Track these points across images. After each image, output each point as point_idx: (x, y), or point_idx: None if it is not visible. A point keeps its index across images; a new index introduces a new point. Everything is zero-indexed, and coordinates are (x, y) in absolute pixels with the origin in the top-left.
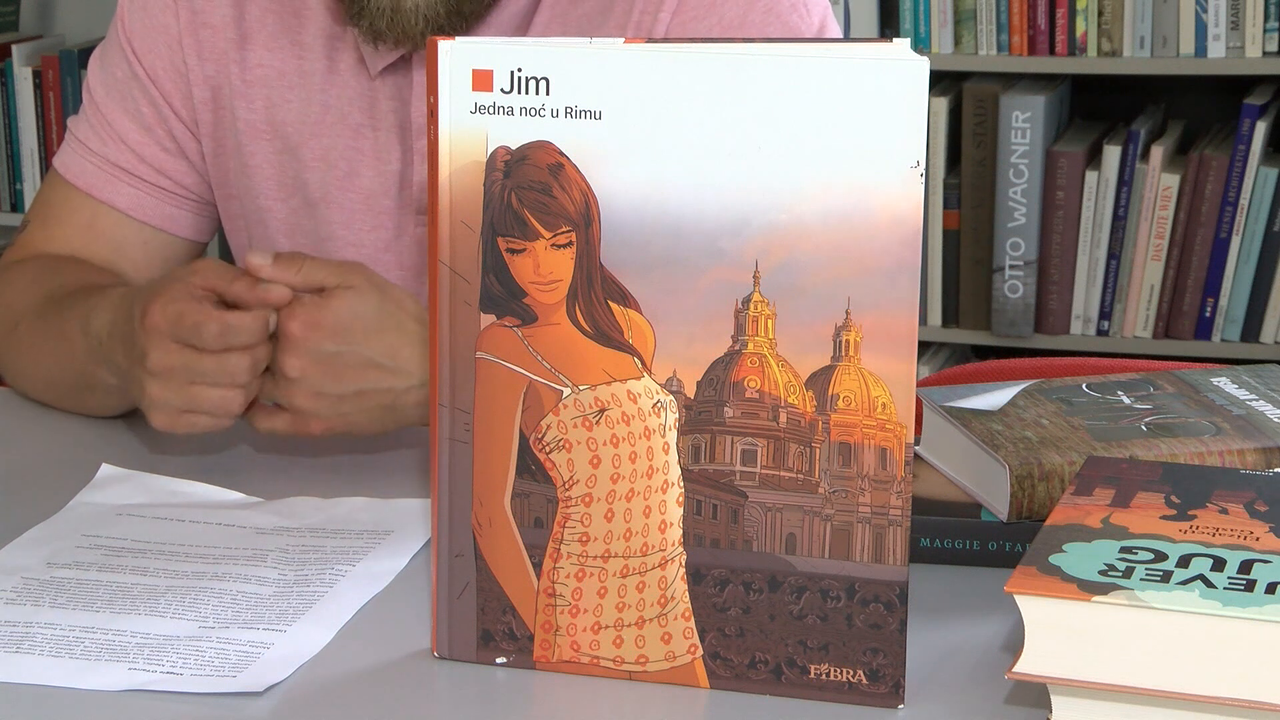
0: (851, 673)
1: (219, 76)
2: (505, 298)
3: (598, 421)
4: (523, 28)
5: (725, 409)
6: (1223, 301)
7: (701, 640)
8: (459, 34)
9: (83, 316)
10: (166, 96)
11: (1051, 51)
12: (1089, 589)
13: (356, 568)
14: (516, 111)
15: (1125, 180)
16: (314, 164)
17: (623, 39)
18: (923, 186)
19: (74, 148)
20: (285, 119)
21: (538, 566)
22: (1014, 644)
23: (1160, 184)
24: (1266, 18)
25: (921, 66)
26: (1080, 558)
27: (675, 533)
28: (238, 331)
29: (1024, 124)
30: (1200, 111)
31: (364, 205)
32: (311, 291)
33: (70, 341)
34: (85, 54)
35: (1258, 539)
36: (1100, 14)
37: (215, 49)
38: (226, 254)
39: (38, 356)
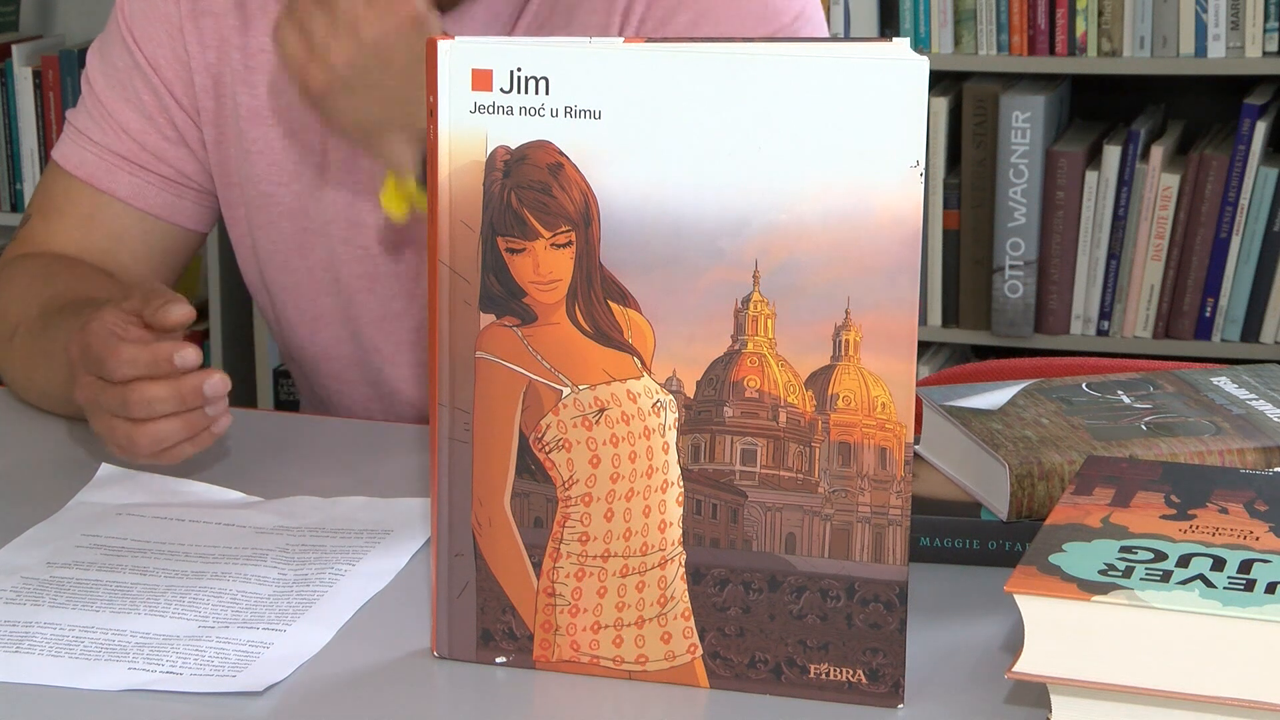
0: (851, 672)
1: (220, 64)
2: (505, 297)
3: (597, 421)
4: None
5: (725, 409)
6: (1223, 301)
7: (701, 640)
8: None
9: (68, 339)
10: (168, 85)
11: (1051, 51)
12: (1089, 589)
13: (356, 567)
14: (516, 111)
15: (1125, 180)
16: (316, 148)
17: (622, 38)
18: (922, 186)
19: (74, 138)
20: (288, 104)
21: (537, 566)
22: (1014, 643)
23: (1160, 184)
24: (1266, 18)
25: (921, 66)
26: (1080, 557)
27: (675, 532)
28: (133, 364)
29: (1024, 124)
30: (1200, 111)
31: (365, 188)
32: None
33: (57, 360)
34: (85, 54)
35: (1257, 539)
36: (1100, 14)
37: (217, 35)
38: (226, 243)
39: (30, 371)
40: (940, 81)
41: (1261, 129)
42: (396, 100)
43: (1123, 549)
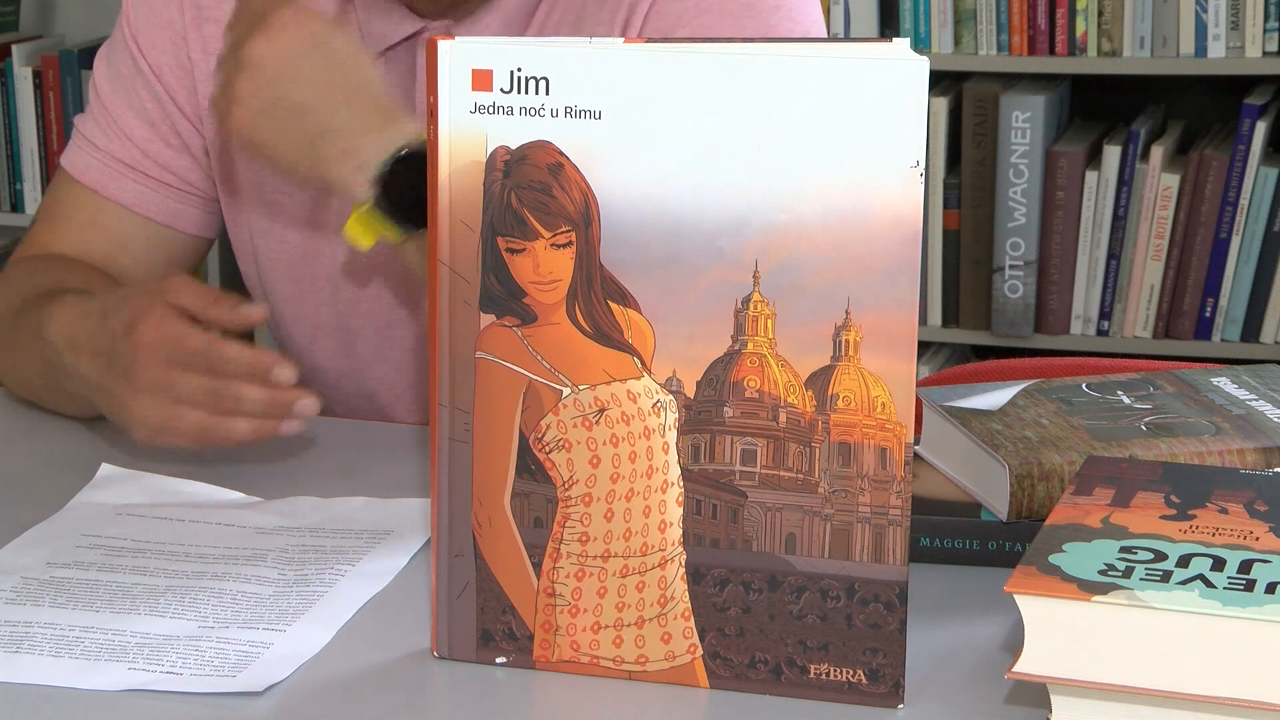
0: (851, 672)
1: None
2: (505, 297)
3: (597, 421)
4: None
5: (725, 409)
6: (1223, 301)
7: (701, 640)
8: None
9: (36, 325)
10: (171, 92)
11: (1051, 51)
12: (1089, 589)
13: (356, 567)
14: (516, 111)
15: (1125, 180)
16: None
17: (622, 39)
18: (922, 186)
19: (80, 145)
20: None
21: (537, 566)
22: (1014, 644)
23: (1160, 184)
24: (1266, 17)
25: (921, 66)
26: (1080, 557)
27: (675, 532)
28: (234, 362)
29: (1024, 124)
30: (1200, 111)
31: None
32: None
33: (29, 350)
34: (85, 54)
35: (1257, 539)
36: (1100, 14)
37: (221, 44)
38: (226, 249)
39: (13, 362)
40: (940, 81)
41: (1261, 129)
42: (322, 122)
43: (1123, 549)
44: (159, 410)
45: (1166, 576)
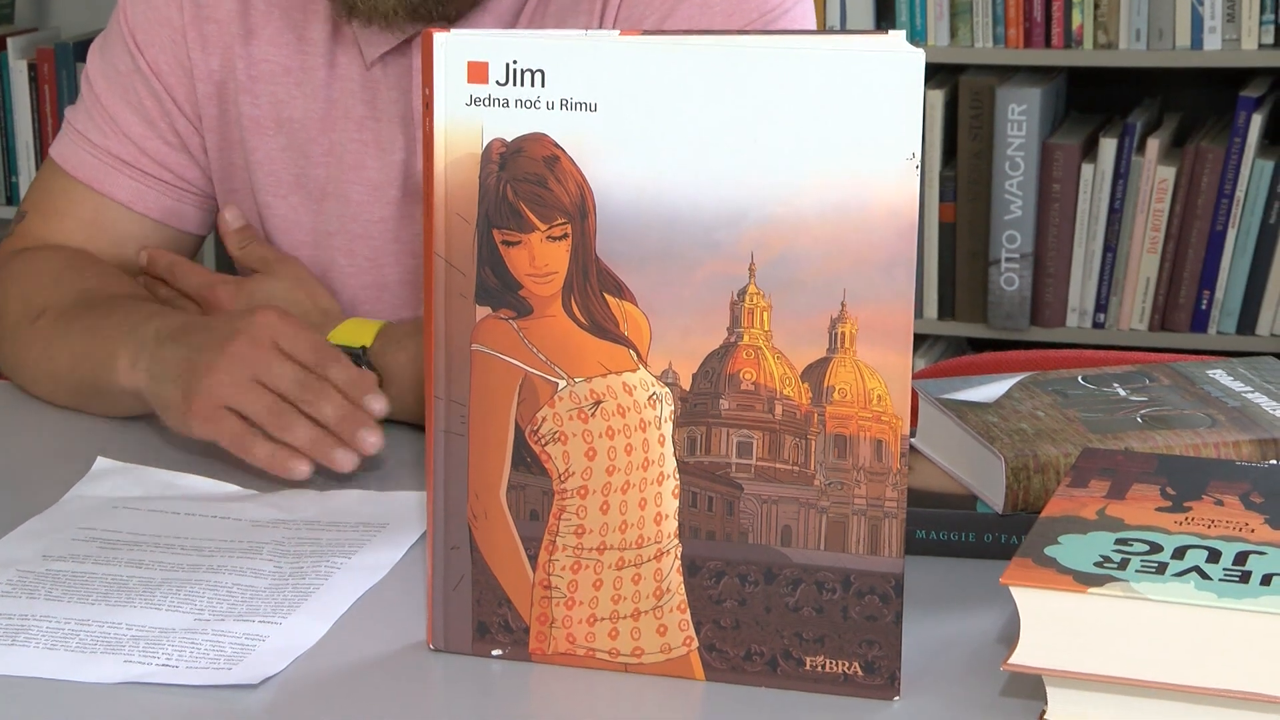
0: (847, 665)
1: (224, 71)
2: (501, 290)
3: (593, 413)
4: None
5: (721, 401)
6: (1218, 294)
7: (697, 632)
8: (438, 17)
9: (131, 324)
10: (169, 90)
11: (1047, 44)
12: (1084, 580)
13: (352, 560)
14: (512, 104)
15: (1121, 173)
16: (321, 159)
17: (617, 31)
18: (918, 179)
19: (73, 139)
20: (291, 115)
21: (533, 559)
22: (1009, 636)
23: (1156, 176)
24: (1262, 10)
25: (917, 59)
26: (1075, 549)
27: (671, 525)
28: (333, 375)
29: (1020, 116)
30: (1196, 104)
31: (370, 197)
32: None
33: (97, 342)
34: (80, 47)
35: (1253, 530)
36: (1096, 6)
37: (220, 43)
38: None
39: (52, 352)
40: (936, 74)
41: (1257, 121)
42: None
43: (1118, 541)
44: (235, 387)
45: (1162, 568)
